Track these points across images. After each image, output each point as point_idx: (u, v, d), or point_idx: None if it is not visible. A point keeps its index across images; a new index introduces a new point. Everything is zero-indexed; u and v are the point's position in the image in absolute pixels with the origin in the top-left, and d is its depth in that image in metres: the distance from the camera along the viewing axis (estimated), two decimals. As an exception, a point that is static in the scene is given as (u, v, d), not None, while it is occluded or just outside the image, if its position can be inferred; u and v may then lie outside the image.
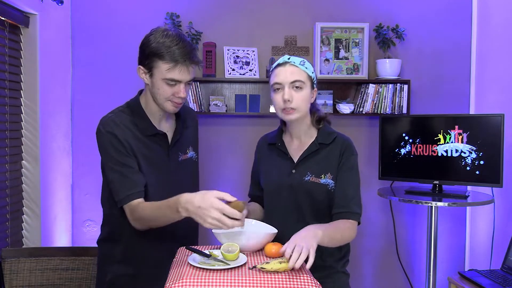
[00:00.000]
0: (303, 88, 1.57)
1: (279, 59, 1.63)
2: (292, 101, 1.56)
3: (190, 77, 1.51)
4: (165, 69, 1.47)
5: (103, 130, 1.54)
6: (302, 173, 1.62)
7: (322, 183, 1.60)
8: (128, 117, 1.58)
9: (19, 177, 2.50)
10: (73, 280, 2.04)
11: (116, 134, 1.52)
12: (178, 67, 1.46)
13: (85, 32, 2.92)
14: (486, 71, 2.94)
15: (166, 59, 1.46)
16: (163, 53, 1.46)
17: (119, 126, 1.54)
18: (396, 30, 2.93)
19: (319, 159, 1.63)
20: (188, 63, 1.48)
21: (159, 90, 1.51)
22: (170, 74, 1.47)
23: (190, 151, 1.73)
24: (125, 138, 1.53)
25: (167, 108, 1.55)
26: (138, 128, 1.57)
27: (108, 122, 1.55)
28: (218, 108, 2.87)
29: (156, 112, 1.60)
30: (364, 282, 3.11)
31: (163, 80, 1.49)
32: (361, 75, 2.92)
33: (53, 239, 2.71)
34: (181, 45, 1.47)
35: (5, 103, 2.34)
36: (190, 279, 1.20)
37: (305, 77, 1.58)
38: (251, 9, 2.98)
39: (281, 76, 1.57)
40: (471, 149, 2.48)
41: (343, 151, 1.62)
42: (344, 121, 3.03)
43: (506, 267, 2.43)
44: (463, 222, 3.11)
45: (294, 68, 1.58)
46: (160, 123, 1.62)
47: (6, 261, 1.98)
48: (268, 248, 1.43)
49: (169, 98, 1.52)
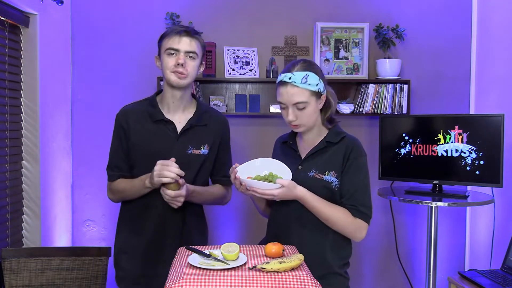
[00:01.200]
0: (306, 107, 1.59)
1: (282, 75, 1.61)
2: (297, 119, 1.61)
3: (189, 48, 1.70)
4: (164, 41, 1.71)
5: (116, 115, 1.83)
6: (307, 169, 1.65)
7: (324, 179, 1.62)
8: (144, 106, 1.81)
9: (19, 177, 2.50)
10: (73, 280, 2.04)
11: (120, 121, 1.79)
12: (177, 37, 1.69)
13: (85, 32, 2.92)
14: (486, 71, 2.94)
15: (166, 34, 1.72)
16: (166, 32, 1.74)
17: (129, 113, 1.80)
18: (396, 30, 2.93)
19: (325, 156, 1.66)
20: (184, 34, 1.69)
21: (163, 64, 1.72)
22: (168, 44, 1.69)
23: (205, 148, 1.79)
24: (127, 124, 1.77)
25: (171, 79, 1.71)
26: (149, 115, 1.77)
27: (121, 110, 1.83)
28: (218, 108, 2.86)
29: (169, 102, 1.77)
30: (364, 282, 3.11)
31: (165, 52, 1.70)
32: (361, 75, 2.92)
33: (53, 239, 2.71)
34: (182, 25, 1.78)
35: (5, 103, 2.34)
36: (190, 279, 1.20)
37: (308, 95, 1.58)
38: (251, 9, 2.98)
39: (284, 97, 1.60)
40: (471, 149, 2.48)
41: (350, 151, 1.64)
42: (344, 121, 3.01)
43: (506, 267, 2.43)
44: (463, 222, 3.11)
45: (296, 89, 1.57)
46: (174, 114, 1.78)
47: (6, 261, 1.98)
48: (268, 248, 1.43)
49: (172, 69, 1.69)
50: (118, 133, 1.80)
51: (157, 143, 1.74)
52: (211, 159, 1.83)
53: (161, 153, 1.70)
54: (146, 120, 1.77)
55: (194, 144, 1.77)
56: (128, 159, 1.79)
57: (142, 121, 1.77)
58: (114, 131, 1.82)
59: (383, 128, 2.75)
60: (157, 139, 1.75)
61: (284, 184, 1.50)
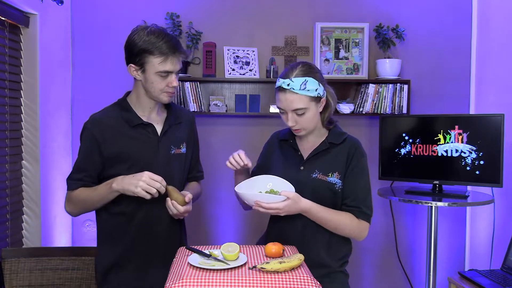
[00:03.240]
0: (306, 112, 1.58)
1: (281, 80, 1.57)
2: (297, 124, 1.60)
3: (179, 67, 1.64)
4: (158, 63, 1.58)
5: (85, 125, 1.70)
6: (310, 170, 1.64)
7: (329, 181, 1.62)
8: (117, 112, 1.70)
9: (19, 177, 2.49)
10: (73, 280, 2.04)
11: (93, 131, 1.65)
12: (169, 59, 1.59)
13: (85, 32, 2.92)
14: (486, 71, 2.94)
15: (156, 53, 1.58)
16: (152, 49, 1.58)
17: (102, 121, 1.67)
18: (396, 30, 2.93)
19: (328, 158, 1.65)
20: (178, 54, 1.61)
21: (153, 84, 1.62)
22: (162, 67, 1.58)
23: (184, 147, 1.78)
24: (102, 134, 1.65)
25: (163, 99, 1.65)
26: (125, 120, 1.67)
27: (91, 119, 1.70)
28: (218, 108, 2.87)
29: (146, 106, 1.69)
30: (364, 282, 3.11)
31: (157, 73, 1.60)
32: (361, 75, 2.92)
33: (53, 239, 2.71)
34: (167, 39, 1.59)
35: (5, 103, 2.34)
36: (190, 279, 1.20)
37: (307, 101, 1.56)
38: (251, 9, 2.98)
39: (283, 104, 1.58)
40: (471, 149, 2.48)
41: (353, 153, 1.64)
42: (344, 121, 3.03)
43: (506, 267, 2.43)
44: (463, 222, 3.11)
45: (294, 96, 1.55)
46: (150, 116, 1.71)
47: (6, 261, 1.98)
48: (268, 248, 1.43)
49: (164, 89, 1.63)
50: (88, 145, 1.66)
51: (139, 148, 1.67)
52: (189, 156, 1.82)
53: (146, 158, 1.66)
54: (123, 126, 1.66)
55: (174, 143, 1.74)
56: (100, 171, 1.67)
57: (119, 128, 1.66)
58: (83, 142, 1.67)
59: (383, 128, 2.75)
60: (139, 144, 1.67)
61: (289, 195, 1.47)
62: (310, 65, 1.62)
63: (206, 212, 3.04)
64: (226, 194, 3.01)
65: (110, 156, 1.65)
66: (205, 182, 2.97)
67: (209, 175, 3.00)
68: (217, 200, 3.04)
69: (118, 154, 1.65)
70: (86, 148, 1.67)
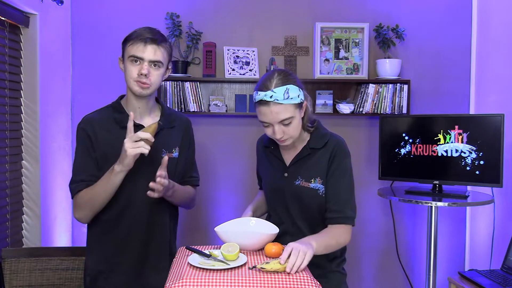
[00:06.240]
0: (292, 121, 1.53)
1: (261, 93, 1.51)
2: (284, 135, 1.55)
3: (153, 57, 1.59)
4: (129, 46, 1.60)
5: (78, 125, 1.71)
6: (293, 177, 1.63)
7: (311, 188, 1.60)
8: (109, 113, 1.71)
9: (19, 177, 2.49)
10: (73, 280, 2.04)
11: (86, 130, 1.66)
12: (139, 44, 1.58)
13: (85, 32, 2.92)
14: (486, 71, 2.94)
15: (131, 39, 1.61)
16: (129, 37, 1.62)
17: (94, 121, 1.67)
18: (396, 30, 2.93)
19: (309, 163, 1.63)
20: (150, 42, 1.58)
21: (126, 72, 1.62)
22: (132, 51, 1.59)
23: (176, 151, 1.76)
24: (94, 133, 1.65)
25: (134, 89, 1.63)
26: (116, 122, 1.68)
27: (83, 119, 1.71)
28: (218, 108, 2.87)
29: (135, 106, 1.68)
30: (363, 282, 3.11)
31: (128, 59, 1.60)
32: (361, 75, 2.92)
33: (53, 239, 2.71)
34: (147, 29, 1.61)
35: (5, 103, 2.34)
36: (190, 279, 1.20)
37: (292, 110, 1.51)
38: (251, 9, 2.98)
39: (268, 117, 1.51)
40: (471, 149, 2.48)
41: (334, 155, 1.60)
42: (344, 121, 3.03)
43: (506, 267, 2.43)
44: (463, 222, 3.11)
45: (279, 107, 1.49)
46: (141, 118, 1.70)
47: (6, 261, 1.98)
48: (268, 248, 1.43)
49: (135, 78, 1.60)
50: (84, 144, 1.65)
51: None
52: (181, 161, 1.78)
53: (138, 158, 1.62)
54: (114, 127, 1.66)
55: (166, 147, 1.71)
56: (98, 171, 1.65)
57: (110, 129, 1.66)
58: (79, 142, 1.67)
59: (383, 128, 2.75)
60: None
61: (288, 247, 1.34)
62: (285, 71, 1.57)
63: (206, 212, 3.04)
64: (226, 194, 3.01)
65: (99, 156, 1.64)
66: (205, 183, 2.97)
67: (209, 176, 3.01)
68: (217, 200, 3.04)
69: (106, 155, 1.63)
70: (82, 147, 1.66)
